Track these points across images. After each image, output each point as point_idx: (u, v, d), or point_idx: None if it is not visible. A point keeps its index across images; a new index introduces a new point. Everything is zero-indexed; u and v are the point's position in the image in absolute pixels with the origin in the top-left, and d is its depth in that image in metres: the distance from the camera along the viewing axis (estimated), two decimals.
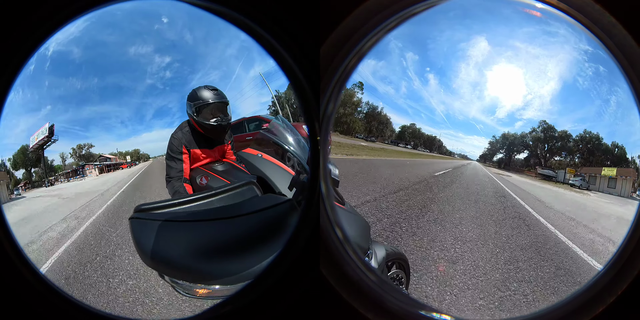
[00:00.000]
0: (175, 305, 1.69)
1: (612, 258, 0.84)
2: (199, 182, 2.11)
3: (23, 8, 0.75)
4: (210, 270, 0.97)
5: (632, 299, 0.81)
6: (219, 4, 0.80)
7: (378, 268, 1.55)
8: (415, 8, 0.84)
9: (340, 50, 0.83)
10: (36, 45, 0.76)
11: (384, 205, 3.41)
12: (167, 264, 0.97)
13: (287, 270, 0.82)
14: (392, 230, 2.90)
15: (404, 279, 1.95)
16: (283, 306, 0.82)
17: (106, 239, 1.44)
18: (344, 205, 1.49)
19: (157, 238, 0.97)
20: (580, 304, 0.83)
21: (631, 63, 0.81)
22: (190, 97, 2.09)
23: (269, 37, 0.80)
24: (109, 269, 1.39)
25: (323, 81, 0.82)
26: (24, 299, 0.78)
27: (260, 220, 1.08)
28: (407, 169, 4.13)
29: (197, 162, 2.20)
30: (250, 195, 1.28)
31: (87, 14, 0.79)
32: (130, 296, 1.47)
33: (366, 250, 1.44)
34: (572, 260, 2.31)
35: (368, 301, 0.83)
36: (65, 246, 1.28)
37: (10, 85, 0.76)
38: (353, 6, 0.83)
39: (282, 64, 0.82)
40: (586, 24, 0.83)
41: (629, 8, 0.80)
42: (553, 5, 0.84)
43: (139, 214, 1.04)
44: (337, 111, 0.86)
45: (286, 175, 1.66)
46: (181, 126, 2.17)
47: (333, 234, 0.84)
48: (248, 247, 0.99)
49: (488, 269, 2.34)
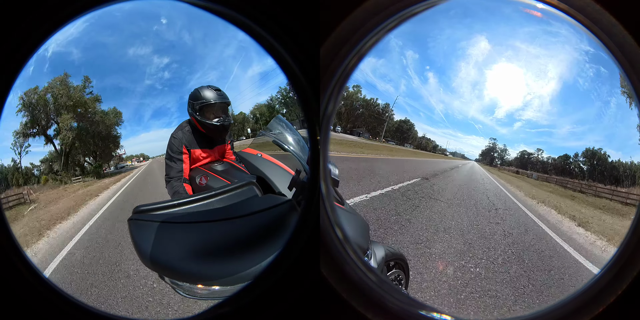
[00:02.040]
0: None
1: (612, 258, 0.84)
2: (198, 182, 2.11)
3: (22, 8, 0.75)
4: (210, 271, 0.97)
5: (633, 298, 0.81)
6: (218, 3, 0.80)
7: (378, 268, 1.55)
8: (415, 8, 0.84)
9: (340, 50, 0.83)
10: (36, 46, 0.76)
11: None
12: (166, 266, 0.97)
13: (287, 271, 0.82)
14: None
15: (403, 279, 1.95)
16: (283, 306, 0.82)
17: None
18: (343, 205, 1.49)
19: (156, 239, 0.96)
20: (580, 304, 0.83)
21: (631, 63, 0.81)
22: (193, 97, 2.10)
23: (268, 37, 0.80)
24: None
25: (323, 81, 0.82)
26: (24, 299, 0.78)
27: (260, 220, 1.08)
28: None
29: (197, 162, 2.20)
30: (250, 195, 1.28)
31: (87, 15, 0.78)
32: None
33: (366, 250, 1.44)
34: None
35: (368, 301, 0.83)
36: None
37: (10, 87, 0.76)
38: (353, 6, 0.83)
39: (282, 64, 0.82)
40: (586, 24, 0.83)
41: (630, 8, 0.80)
42: (553, 6, 0.84)
43: (138, 215, 1.04)
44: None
45: (286, 175, 1.66)
46: (181, 126, 2.18)
47: (333, 234, 0.84)
48: (248, 247, 0.99)
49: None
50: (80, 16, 0.78)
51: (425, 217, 3.14)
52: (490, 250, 2.73)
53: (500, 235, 2.85)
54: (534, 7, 0.89)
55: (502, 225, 2.94)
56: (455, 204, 3.24)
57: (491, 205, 3.13)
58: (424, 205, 3.32)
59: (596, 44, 0.83)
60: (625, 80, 0.82)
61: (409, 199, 3.49)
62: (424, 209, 3.24)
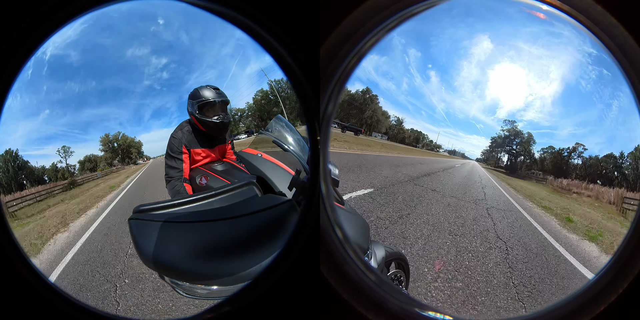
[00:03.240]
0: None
1: (613, 257, 0.84)
2: (198, 182, 2.11)
3: (21, 9, 0.74)
4: (210, 270, 0.97)
5: (633, 298, 0.81)
6: (218, 3, 0.80)
7: (377, 268, 1.55)
8: (415, 8, 0.84)
9: (340, 50, 0.83)
10: (35, 47, 0.76)
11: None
12: (167, 266, 0.97)
13: (287, 271, 0.82)
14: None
15: (403, 278, 1.95)
16: (283, 306, 0.82)
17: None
18: (343, 205, 1.49)
19: (157, 239, 0.96)
20: (580, 303, 0.83)
21: (632, 64, 0.81)
22: (192, 96, 2.11)
23: (268, 37, 0.80)
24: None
25: (323, 81, 0.82)
26: (24, 299, 0.78)
27: (261, 220, 1.08)
28: None
29: (197, 161, 2.21)
30: (250, 195, 1.28)
31: (86, 15, 0.78)
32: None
33: (366, 250, 1.44)
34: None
35: (368, 301, 0.83)
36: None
37: (8, 89, 0.76)
38: (353, 6, 0.83)
39: (282, 64, 0.82)
40: (588, 26, 0.83)
41: (631, 9, 0.80)
42: (556, 7, 0.84)
43: (139, 215, 1.04)
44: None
45: (286, 175, 1.67)
46: (181, 126, 2.18)
47: (333, 234, 0.84)
48: (248, 247, 0.99)
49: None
50: (80, 16, 0.78)
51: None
52: None
53: None
54: (538, 8, 0.89)
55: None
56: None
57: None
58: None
59: (598, 45, 0.83)
60: (625, 81, 0.82)
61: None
62: None
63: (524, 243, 2.23)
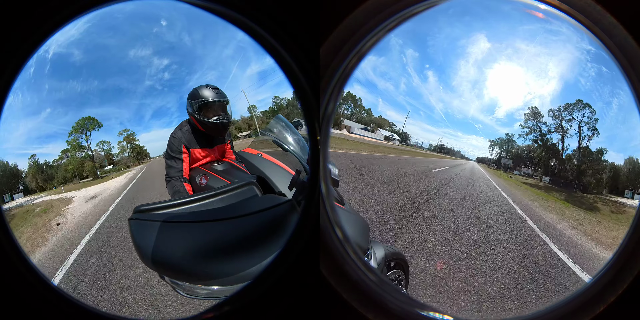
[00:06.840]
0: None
1: (612, 258, 0.84)
2: (198, 182, 2.11)
3: (23, 7, 0.74)
4: (210, 271, 0.97)
5: (633, 298, 0.81)
6: (219, 4, 0.80)
7: (378, 268, 1.55)
8: (415, 8, 0.84)
9: (340, 50, 0.83)
10: (37, 45, 0.76)
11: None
12: (167, 266, 0.97)
13: (287, 270, 0.82)
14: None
15: (403, 279, 1.95)
16: (283, 306, 0.82)
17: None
18: (343, 205, 1.49)
19: (157, 239, 0.96)
20: (580, 303, 0.83)
21: (632, 64, 0.81)
22: (192, 96, 2.11)
23: (268, 37, 0.80)
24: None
25: (323, 81, 0.82)
26: (24, 299, 0.78)
27: (261, 220, 1.08)
28: None
29: (197, 161, 2.20)
30: (251, 195, 1.28)
31: (88, 14, 0.78)
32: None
33: (366, 250, 1.44)
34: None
35: (368, 301, 0.83)
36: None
37: (9, 87, 0.76)
38: (353, 6, 0.83)
39: (282, 64, 0.82)
40: (587, 25, 0.83)
41: (630, 9, 0.80)
42: (555, 6, 0.84)
43: (138, 215, 1.04)
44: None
45: (286, 175, 1.66)
46: (181, 125, 2.18)
47: (333, 234, 0.84)
48: (248, 247, 0.99)
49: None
50: (81, 16, 0.78)
51: None
52: None
53: None
54: (536, 8, 0.89)
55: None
56: None
57: None
58: None
59: (597, 44, 0.83)
60: (625, 80, 0.82)
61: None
62: None
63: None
